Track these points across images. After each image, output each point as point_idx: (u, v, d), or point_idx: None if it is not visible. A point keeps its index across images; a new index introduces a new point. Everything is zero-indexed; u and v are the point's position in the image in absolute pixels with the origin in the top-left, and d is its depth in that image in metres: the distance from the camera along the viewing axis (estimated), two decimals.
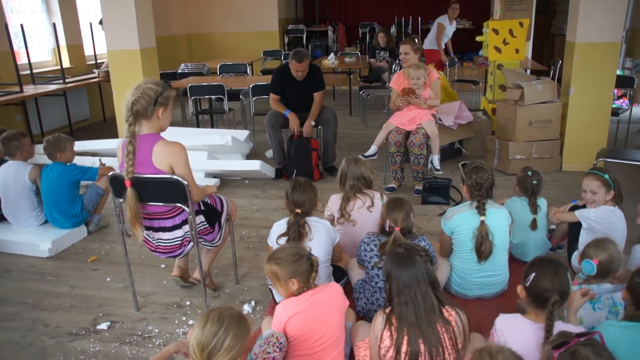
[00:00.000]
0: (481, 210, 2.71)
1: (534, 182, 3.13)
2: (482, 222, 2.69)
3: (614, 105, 5.64)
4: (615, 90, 5.26)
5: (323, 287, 2.18)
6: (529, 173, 3.17)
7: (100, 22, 6.76)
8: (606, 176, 2.87)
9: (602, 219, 2.88)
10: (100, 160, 4.21)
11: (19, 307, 3.02)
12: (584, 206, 3.07)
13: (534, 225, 3.12)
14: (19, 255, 3.67)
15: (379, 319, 2.01)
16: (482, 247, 2.68)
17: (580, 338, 1.57)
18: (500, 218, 2.78)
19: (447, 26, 8.00)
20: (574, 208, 3.12)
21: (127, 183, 2.47)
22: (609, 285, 2.34)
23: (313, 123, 4.89)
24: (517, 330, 1.95)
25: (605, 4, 4.60)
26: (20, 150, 3.79)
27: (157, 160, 2.49)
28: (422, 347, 1.91)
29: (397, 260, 2.00)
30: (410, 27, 11.48)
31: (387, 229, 2.54)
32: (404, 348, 1.92)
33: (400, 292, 1.95)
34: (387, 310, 2.00)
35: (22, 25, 5.91)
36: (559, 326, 1.88)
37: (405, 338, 1.91)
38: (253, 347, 2.05)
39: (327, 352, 2.11)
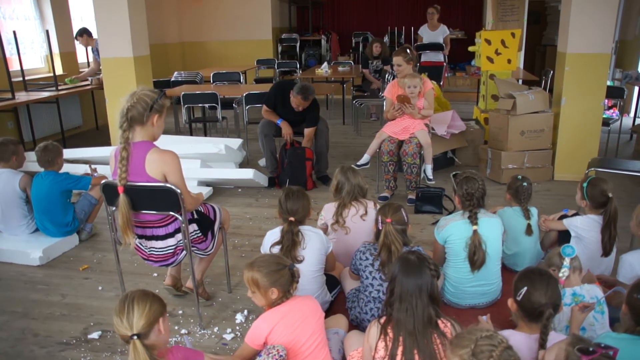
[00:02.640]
0: (473, 219, 2.72)
1: (525, 184, 3.17)
2: (475, 231, 2.70)
3: (604, 116, 5.70)
4: (606, 100, 5.32)
5: (299, 297, 2.20)
6: (519, 177, 3.22)
7: (80, 35, 6.83)
8: (585, 184, 2.95)
9: (588, 227, 2.92)
10: (90, 166, 4.16)
11: (8, 316, 2.98)
12: (574, 215, 3.10)
13: (529, 230, 3.12)
14: (9, 263, 3.64)
15: (374, 328, 2.00)
16: (475, 257, 2.69)
17: (603, 350, 1.56)
18: (492, 227, 2.78)
19: (423, 35, 7.99)
20: (564, 217, 3.15)
21: (120, 189, 2.46)
22: (599, 290, 2.36)
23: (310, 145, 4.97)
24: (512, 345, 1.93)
25: (595, 16, 4.66)
26: (15, 155, 3.78)
27: (150, 168, 2.48)
28: (416, 357, 1.90)
29: (407, 267, 1.98)
30: (403, 36, 11.55)
31: (379, 227, 2.55)
32: (398, 358, 1.91)
33: (403, 299, 1.93)
34: (382, 320, 1.99)
35: (14, 32, 5.89)
36: (552, 336, 1.89)
37: (400, 348, 1.90)
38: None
39: (315, 356, 2.11)
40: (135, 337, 1.68)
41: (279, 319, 2.09)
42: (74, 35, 6.93)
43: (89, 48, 7.10)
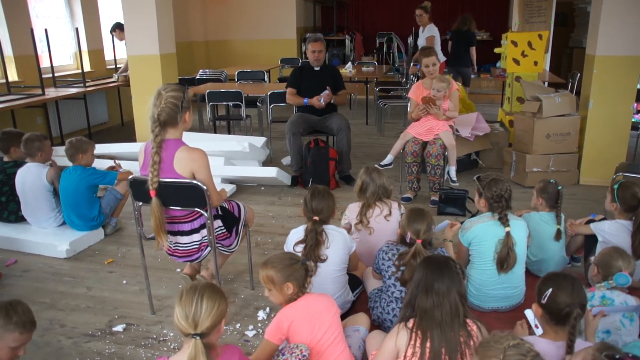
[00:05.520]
0: (504, 221, 2.69)
1: (560, 187, 3.12)
2: (508, 233, 2.67)
3: (633, 119, 5.58)
4: (635, 104, 5.22)
5: (313, 294, 2.22)
6: (551, 181, 3.17)
7: (113, 30, 7.09)
8: (616, 187, 2.91)
9: (617, 231, 2.87)
10: (115, 161, 4.24)
11: (37, 307, 3.04)
12: (601, 220, 3.05)
13: (558, 235, 3.07)
14: (37, 255, 3.72)
15: (403, 332, 1.93)
16: (508, 259, 2.66)
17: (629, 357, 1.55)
18: (520, 230, 2.76)
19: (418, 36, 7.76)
20: (591, 222, 3.10)
21: (152, 193, 2.50)
22: (632, 299, 2.32)
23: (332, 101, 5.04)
24: None
25: (626, 17, 4.57)
26: (41, 151, 3.86)
27: (179, 166, 2.52)
28: (443, 351, 1.85)
29: (432, 266, 1.96)
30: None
31: (407, 240, 2.53)
32: (426, 355, 1.87)
33: (429, 293, 1.89)
34: (410, 325, 1.93)
35: (46, 30, 6.02)
36: (578, 343, 1.86)
37: (428, 342, 1.86)
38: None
39: (333, 349, 2.12)
40: (197, 337, 1.64)
41: (298, 311, 2.11)
42: (110, 30, 7.25)
43: (123, 42, 7.25)
